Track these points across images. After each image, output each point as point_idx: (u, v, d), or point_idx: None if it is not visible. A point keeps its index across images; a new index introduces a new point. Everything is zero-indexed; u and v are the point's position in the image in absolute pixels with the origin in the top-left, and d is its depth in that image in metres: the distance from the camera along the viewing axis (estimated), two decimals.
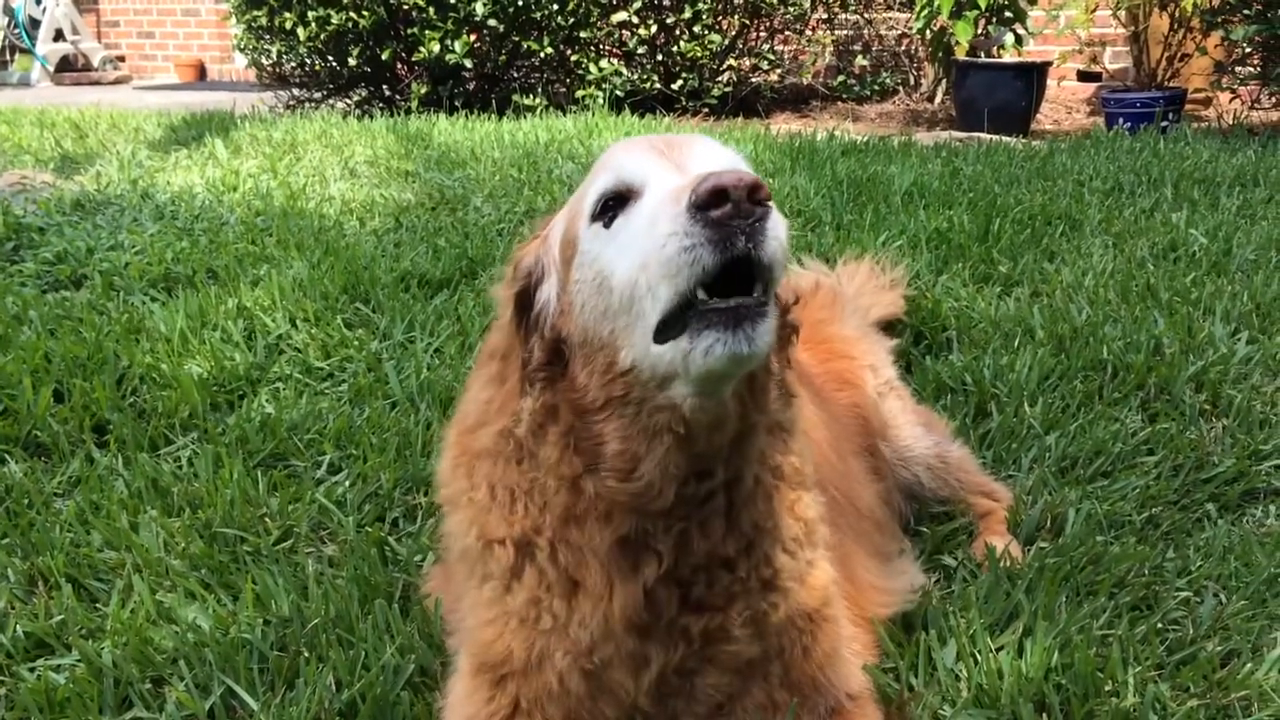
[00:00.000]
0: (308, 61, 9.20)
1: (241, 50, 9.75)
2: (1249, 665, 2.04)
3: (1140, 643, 2.12)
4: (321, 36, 8.67)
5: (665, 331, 1.48)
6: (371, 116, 8.36)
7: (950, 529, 2.55)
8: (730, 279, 1.41)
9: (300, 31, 8.65)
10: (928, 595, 2.21)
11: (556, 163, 6.25)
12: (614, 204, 1.56)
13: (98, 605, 2.24)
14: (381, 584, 2.30)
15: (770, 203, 1.42)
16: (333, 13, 8.54)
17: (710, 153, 1.64)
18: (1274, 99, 7.25)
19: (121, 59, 16.11)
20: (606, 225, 1.56)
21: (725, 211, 1.38)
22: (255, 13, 8.96)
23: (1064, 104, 9.92)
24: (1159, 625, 2.18)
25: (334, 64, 9.17)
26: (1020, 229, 4.63)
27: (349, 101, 9.62)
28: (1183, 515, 2.66)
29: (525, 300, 1.70)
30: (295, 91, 9.77)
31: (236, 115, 8.52)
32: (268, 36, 9.24)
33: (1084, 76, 10.05)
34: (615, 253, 1.53)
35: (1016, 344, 3.52)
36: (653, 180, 1.56)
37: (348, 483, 2.73)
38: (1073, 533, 2.49)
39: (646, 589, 1.66)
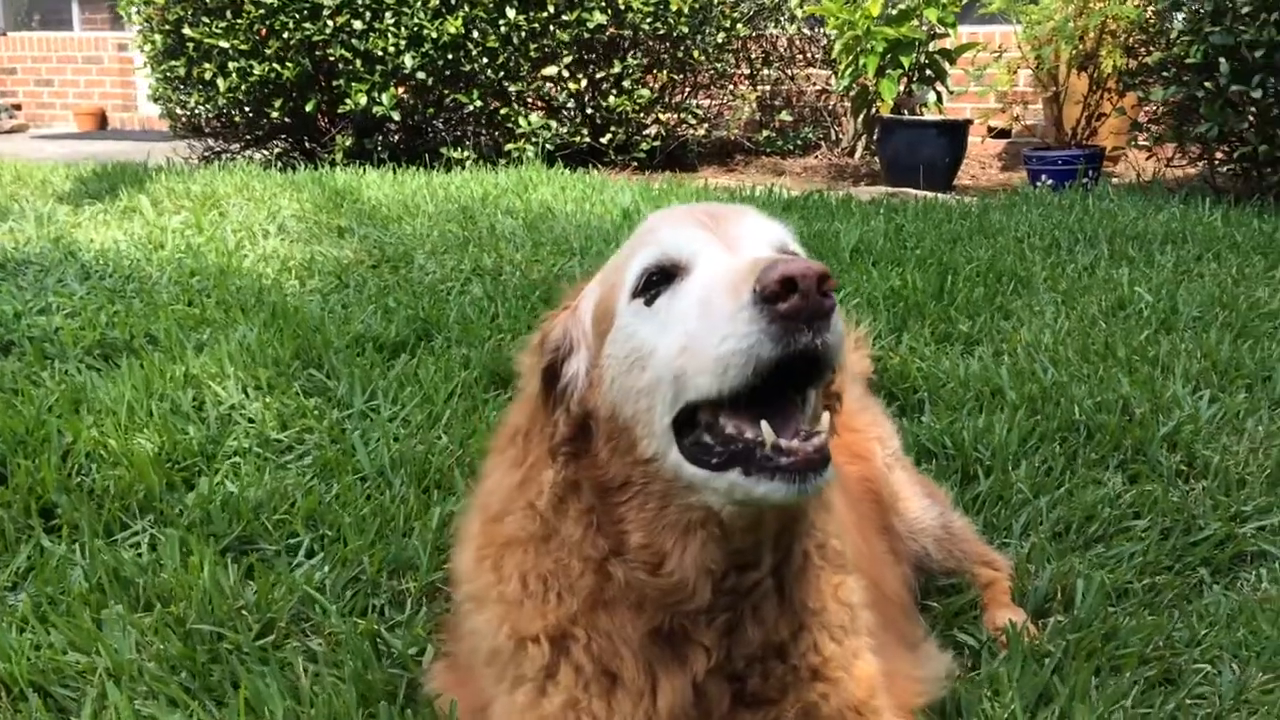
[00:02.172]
0: (226, 113, 8.96)
1: (155, 100, 9.45)
2: None
3: (1173, 717, 2.09)
4: (243, 87, 8.46)
5: (690, 436, 1.43)
6: (293, 169, 8.17)
7: (959, 603, 2.50)
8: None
9: (220, 83, 8.43)
10: (959, 679, 2.14)
11: (496, 218, 6.14)
12: (658, 280, 1.49)
13: (70, 718, 2.04)
14: (380, 683, 2.14)
15: (835, 293, 1.36)
16: (255, 64, 8.34)
17: (758, 228, 1.58)
18: (1187, 158, 7.52)
19: (18, 107, 15.54)
20: (648, 303, 1.49)
21: (793, 305, 1.31)
22: (172, 63, 8.71)
23: (977, 160, 10.18)
24: (1186, 701, 2.15)
25: (253, 115, 8.95)
26: (973, 286, 4.67)
27: (267, 153, 9.38)
28: (1179, 580, 2.64)
29: (552, 374, 1.61)
30: (210, 142, 9.50)
31: (150, 167, 8.23)
32: (184, 87, 8.98)
33: (996, 134, 10.35)
34: (655, 332, 1.46)
35: (988, 406, 3.52)
36: (702, 257, 1.49)
37: (326, 567, 2.56)
38: (1084, 605, 2.45)
39: (696, 684, 1.56)
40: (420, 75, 8.40)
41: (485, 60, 8.54)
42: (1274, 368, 3.81)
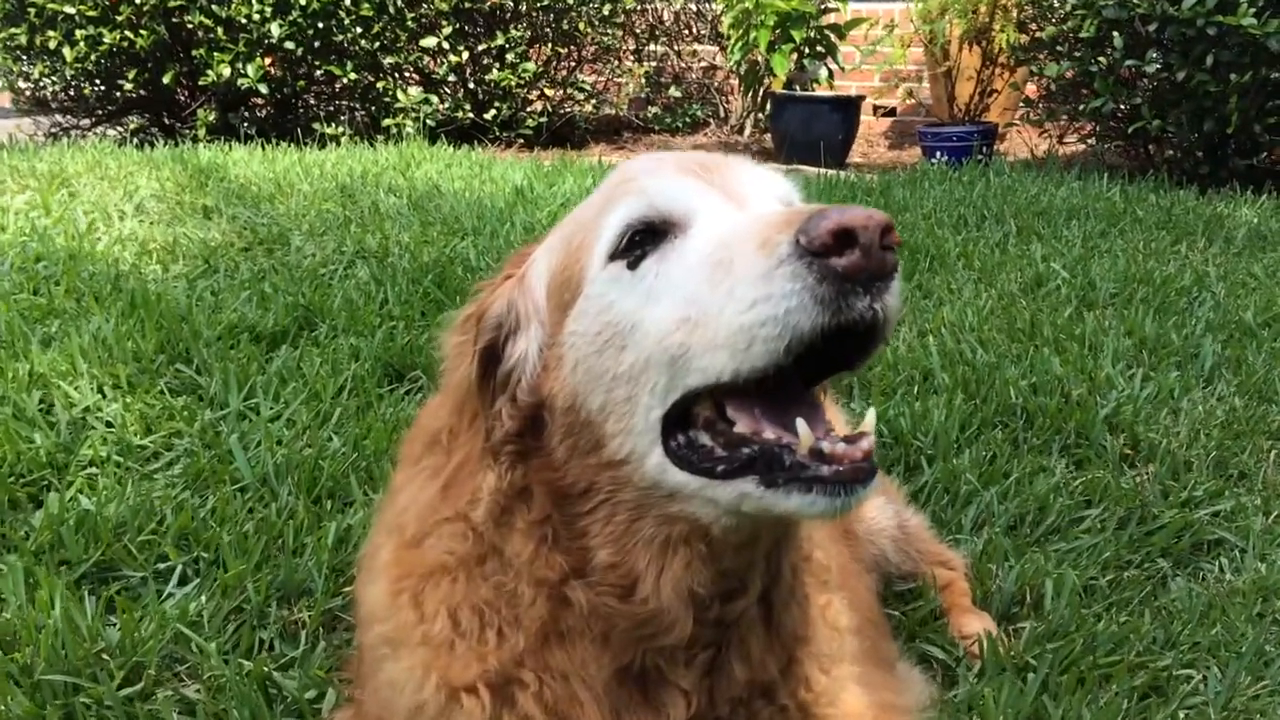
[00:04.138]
0: (74, 85, 8.25)
1: None
2: None
3: None
4: (92, 57, 7.77)
5: (680, 435, 1.17)
6: (151, 145, 7.55)
7: (922, 611, 2.28)
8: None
9: (66, 51, 7.72)
10: (939, 703, 1.91)
11: (378, 196, 5.73)
12: (643, 239, 1.21)
13: None
14: None
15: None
16: (105, 31, 7.67)
17: (762, 180, 1.31)
18: (1078, 134, 7.53)
19: None
20: (632, 266, 1.21)
21: (853, 261, 1.04)
22: (13, 30, 7.95)
23: (864, 138, 10.13)
24: (1180, 713, 1.98)
25: (105, 88, 8.26)
26: None
27: (122, 129, 8.71)
28: (1141, 573, 2.50)
29: (491, 356, 1.32)
30: (58, 118, 8.76)
31: None
32: (26, 57, 8.23)
33: (885, 112, 10.30)
34: (640, 302, 1.19)
35: (922, 390, 3.33)
36: (702, 211, 1.21)
37: (203, 597, 2.19)
38: (1056, 609, 2.26)
39: None
40: (289, 45, 7.85)
41: (359, 30, 8.04)
42: (1200, 344, 3.73)
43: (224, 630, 2.12)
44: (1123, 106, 6.81)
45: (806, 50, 8.32)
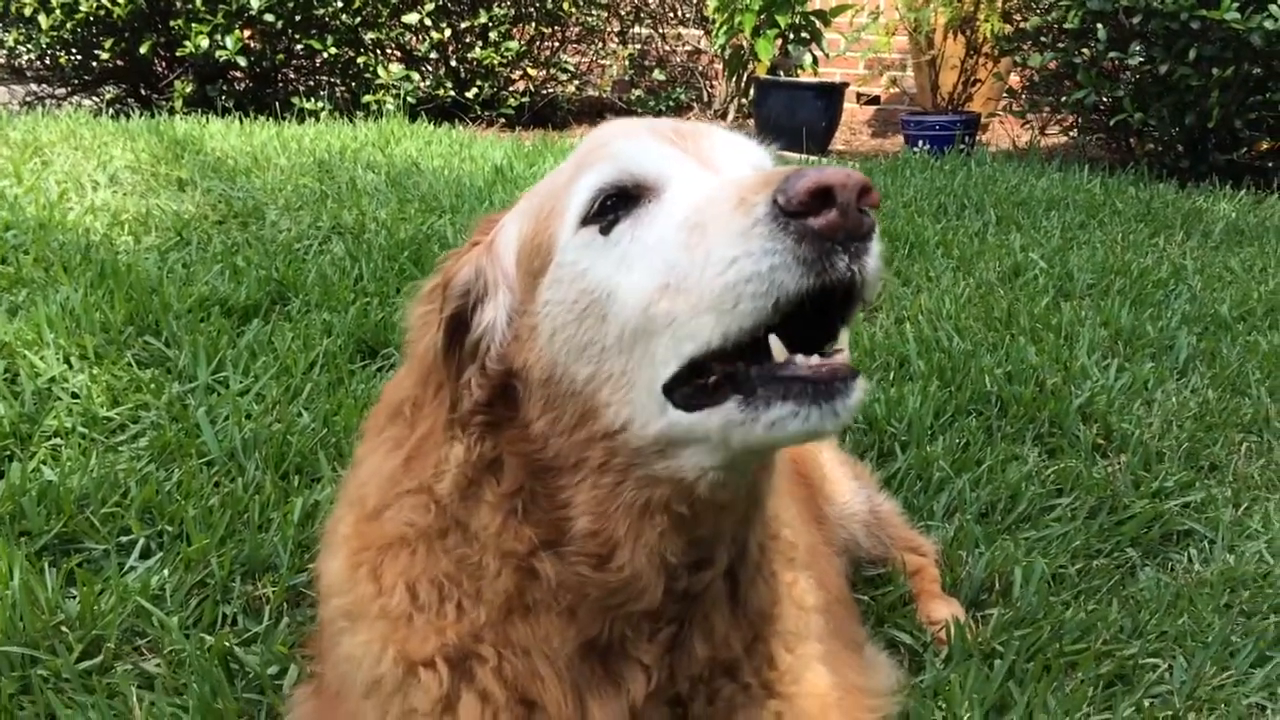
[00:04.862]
0: (50, 54, 8.12)
1: None
2: None
3: None
4: (68, 26, 7.64)
5: (684, 387, 1.12)
6: (127, 117, 7.44)
7: (892, 597, 2.27)
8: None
9: (42, 19, 7.60)
10: (907, 688, 1.91)
11: (356, 173, 5.67)
12: (615, 204, 1.19)
13: None
14: (232, 712, 1.79)
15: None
16: None
17: (736, 146, 1.29)
18: (1060, 126, 7.54)
19: None
20: (605, 231, 1.18)
21: (830, 220, 1.02)
22: None
23: (848, 125, 10.11)
24: (1145, 702, 1.98)
25: (82, 57, 8.14)
26: None
27: (98, 100, 8.58)
28: (1110, 562, 2.51)
29: (459, 324, 1.29)
30: (34, 87, 8.64)
31: None
32: (1, 24, 8.10)
33: (868, 100, 10.29)
34: (617, 269, 1.16)
35: (897, 376, 3.33)
36: (676, 177, 1.19)
37: (166, 571, 2.17)
38: (1024, 596, 2.26)
39: (634, 711, 1.27)
40: (268, 18, 7.75)
41: (340, 4, 7.94)
42: (1175, 336, 3.73)
43: (186, 605, 2.10)
44: (1105, 99, 6.81)
45: (791, 35, 8.29)
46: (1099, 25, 6.49)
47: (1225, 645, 2.18)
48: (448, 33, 8.53)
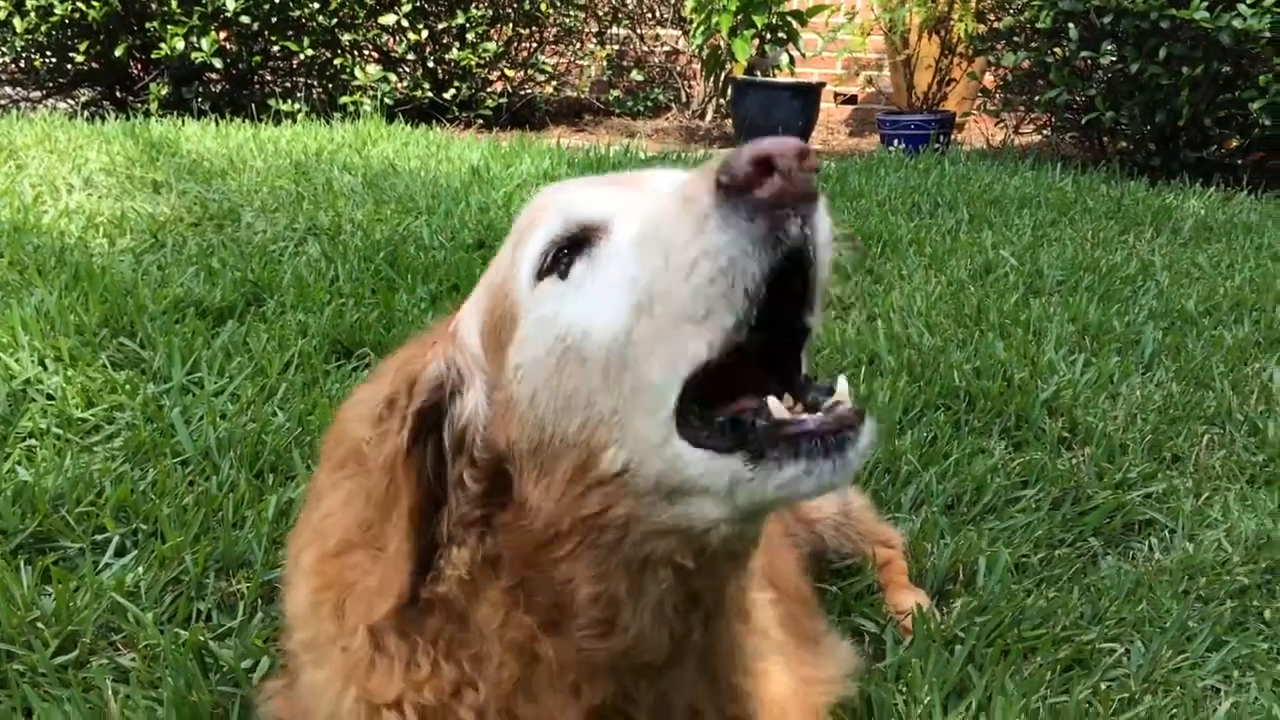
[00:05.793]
0: (25, 57, 8.10)
1: None
2: None
3: (1088, 704, 1.96)
4: (43, 28, 7.63)
5: (693, 418, 1.11)
6: (102, 119, 7.43)
7: (858, 587, 2.31)
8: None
9: (17, 22, 7.58)
10: (867, 673, 1.95)
11: (332, 174, 5.69)
12: (569, 252, 1.18)
13: None
14: (206, 705, 1.82)
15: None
16: (56, 2, 7.53)
17: (679, 176, 1.30)
18: (1033, 125, 7.62)
19: None
20: (563, 275, 1.17)
21: (776, 186, 1.02)
22: None
23: (824, 125, 10.17)
24: (1101, 685, 2.03)
25: (56, 60, 8.12)
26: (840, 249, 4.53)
27: (73, 102, 8.56)
28: (1072, 551, 2.56)
29: (434, 421, 1.26)
30: (8, 90, 8.61)
31: None
32: None
33: (844, 99, 10.35)
34: (585, 306, 1.14)
35: (868, 372, 3.37)
36: (620, 210, 1.18)
37: (140, 568, 2.19)
38: (988, 585, 2.30)
39: None
40: (244, 19, 7.75)
41: (316, 5, 7.95)
42: (1141, 331, 3.79)
43: (161, 601, 2.12)
44: (1077, 98, 6.89)
45: (768, 36, 8.33)
46: (1071, 25, 6.56)
47: (1182, 630, 2.23)
48: (425, 34, 8.54)
